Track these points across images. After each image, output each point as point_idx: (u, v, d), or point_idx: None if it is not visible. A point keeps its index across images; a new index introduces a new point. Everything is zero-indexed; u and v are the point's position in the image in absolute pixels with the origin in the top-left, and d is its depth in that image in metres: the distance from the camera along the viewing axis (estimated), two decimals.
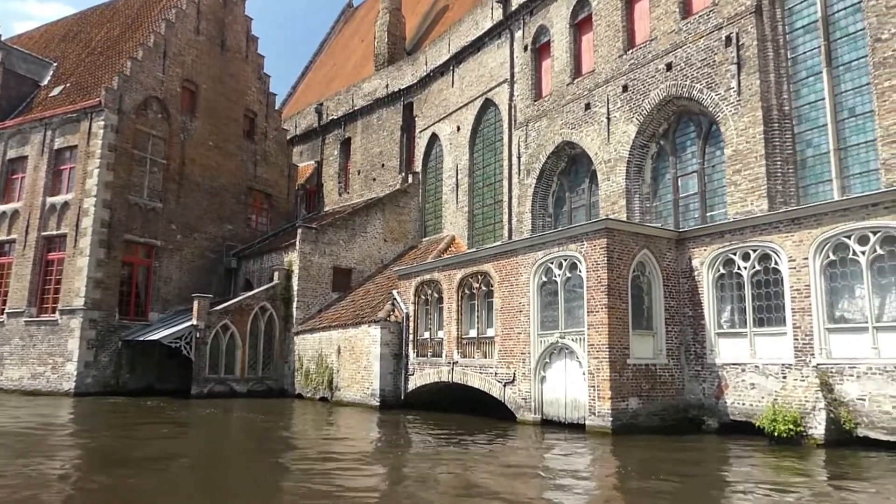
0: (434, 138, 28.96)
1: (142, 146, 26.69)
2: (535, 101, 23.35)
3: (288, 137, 34.99)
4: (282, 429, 15.57)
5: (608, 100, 20.00)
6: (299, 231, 25.63)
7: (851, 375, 11.77)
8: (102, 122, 25.26)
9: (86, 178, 25.13)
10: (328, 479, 8.87)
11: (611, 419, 13.13)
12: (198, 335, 23.08)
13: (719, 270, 14.21)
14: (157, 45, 27.61)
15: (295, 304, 24.93)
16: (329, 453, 11.52)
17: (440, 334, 18.75)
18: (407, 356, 19.71)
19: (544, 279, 15.33)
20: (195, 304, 23.40)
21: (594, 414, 13.44)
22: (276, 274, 25.60)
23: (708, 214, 17.34)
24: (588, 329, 13.84)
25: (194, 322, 23.15)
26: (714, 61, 16.97)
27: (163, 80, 27.66)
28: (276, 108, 34.22)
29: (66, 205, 25.44)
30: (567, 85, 21.82)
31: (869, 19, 14.23)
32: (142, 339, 24.33)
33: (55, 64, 31.26)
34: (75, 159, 25.79)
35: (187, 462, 10.50)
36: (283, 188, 33.14)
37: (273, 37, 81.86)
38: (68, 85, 28.57)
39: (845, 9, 14.94)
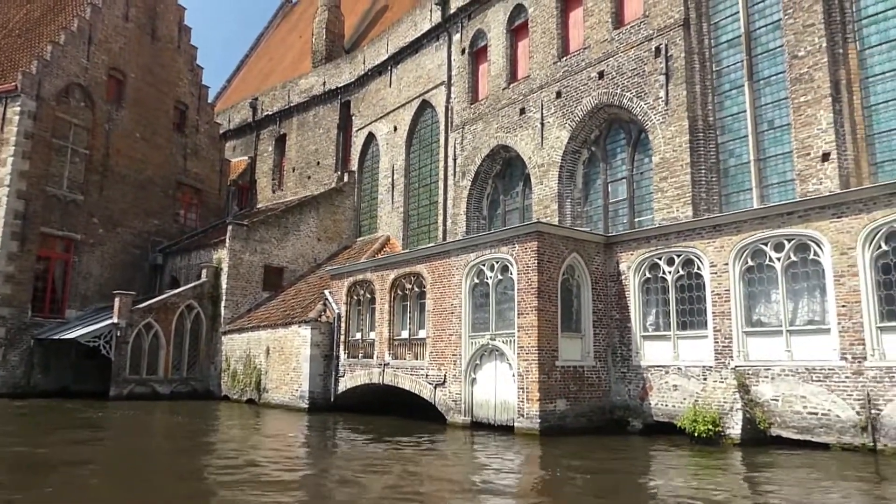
0: (371, 138, 28.73)
1: (62, 135, 25.41)
2: (471, 104, 23.46)
3: (221, 132, 33.98)
4: (204, 433, 15.04)
5: (542, 105, 20.28)
6: (230, 228, 24.92)
7: (766, 377, 12.27)
8: (18, 108, 23.91)
9: None
10: (248, 487, 8.58)
11: (539, 421, 13.25)
12: (118, 334, 22.11)
13: (645, 274, 14.57)
14: (82, 30, 26.36)
15: (223, 303, 24.22)
16: (252, 459, 11.18)
17: (372, 335, 18.54)
18: (338, 357, 19.41)
19: (476, 281, 15.36)
20: (116, 301, 22.44)
21: (523, 416, 13.54)
22: (204, 271, 24.80)
23: (636, 220, 17.79)
24: (518, 331, 13.94)
25: (115, 320, 22.18)
26: (644, 71, 17.44)
27: (87, 66, 26.42)
28: (209, 101, 33.23)
29: None
30: (503, 89, 22.02)
31: (787, 37, 14.91)
32: (57, 337, 23.12)
33: None
34: None
35: (91, 471, 9.98)
36: (213, 183, 32.15)
37: (207, 29, 79.62)
38: None
39: (766, 26, 15.62)
